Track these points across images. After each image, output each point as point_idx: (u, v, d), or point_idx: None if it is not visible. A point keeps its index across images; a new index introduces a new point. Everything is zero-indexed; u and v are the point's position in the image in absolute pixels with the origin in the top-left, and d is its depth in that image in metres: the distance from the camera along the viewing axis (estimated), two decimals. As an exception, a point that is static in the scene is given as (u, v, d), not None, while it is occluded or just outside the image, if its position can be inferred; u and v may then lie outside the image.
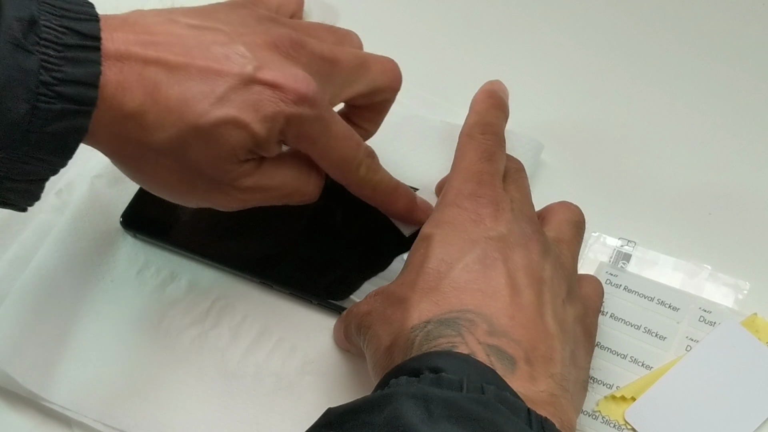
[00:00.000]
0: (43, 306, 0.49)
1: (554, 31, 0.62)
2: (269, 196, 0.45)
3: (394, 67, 0.48)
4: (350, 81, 0.45)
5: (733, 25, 0.61)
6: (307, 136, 0.43)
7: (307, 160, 0.45)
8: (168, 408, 0.47)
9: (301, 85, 0.41)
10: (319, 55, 0.44)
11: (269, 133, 0.42)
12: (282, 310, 0.50)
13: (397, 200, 0.49)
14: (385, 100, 0.48)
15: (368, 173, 0.46)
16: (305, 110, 0.42)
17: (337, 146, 0.44)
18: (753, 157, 0.55)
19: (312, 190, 0.46)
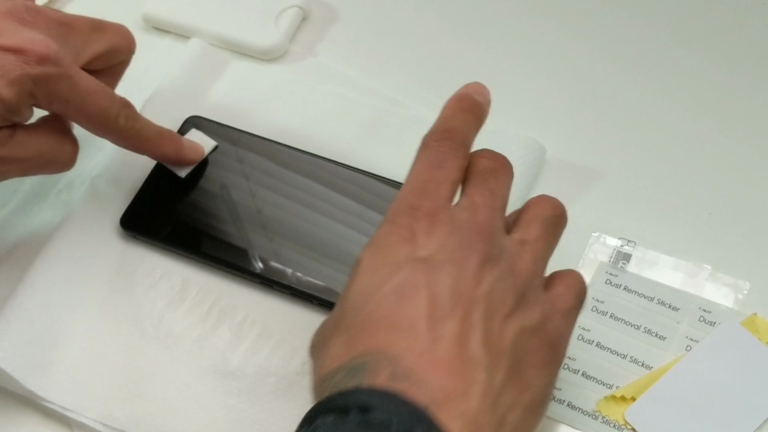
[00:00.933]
0: (44, 306, 0.49)
1: (555, 31, 0.62)
2: (26, 166, 0.46)
3: (128, 31, 0.50)
4: (89, 42, 0.47)
5: (733, 25, 0.61)
6: (58, 95, 0.44)
7: (60, 127, 0.47)
8: (168, 408, 0.47)
9: (41, 46, 0.43)
10: (55, 19, 0.45)
11: (18, 97, 0.42)
12: (282, 310, 0.50)
13: (163, 144, 0.51)
14: (122, 62, 0.50)
15: (128, 122, 0.48)
16: (50, 69, 0.43)
17: (91, 100, 0.45)
18: (753, 157, 0.55)
19: (68, 157, 0.48)
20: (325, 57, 0.61)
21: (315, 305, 0.50)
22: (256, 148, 0.55)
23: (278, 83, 0.59)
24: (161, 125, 0.51)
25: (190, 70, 0.59)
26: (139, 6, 0.63)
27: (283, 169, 0.54)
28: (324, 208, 0.52)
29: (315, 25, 0.63)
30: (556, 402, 0.47)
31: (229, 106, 0.57)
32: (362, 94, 0.59)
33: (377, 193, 0.52)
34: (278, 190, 0.53)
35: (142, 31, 0.63)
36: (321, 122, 0.57)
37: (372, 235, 0.39)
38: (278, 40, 0.61)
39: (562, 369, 0.47)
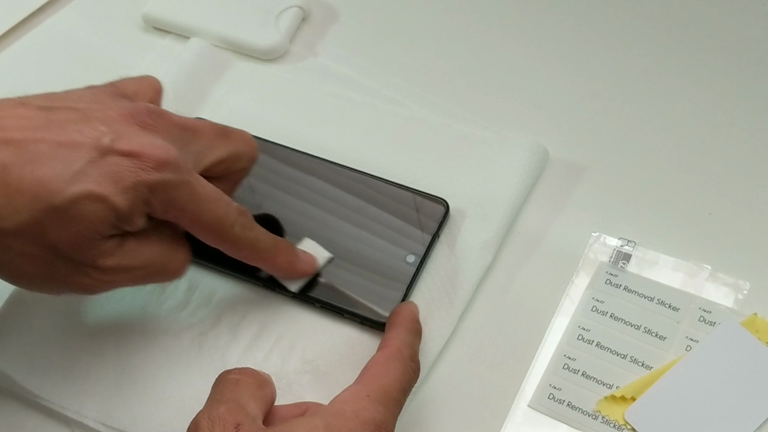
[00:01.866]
0: (44, 306, 0.50)
1: (555, 31, 0.62)
2: (135, 276, 0.43)
3: (252, 138, 0.47)
4: (211, 148, 0.44)
5: (733, 24, 0.61)
6: (175, 203, 0.42)
7: (172, 235, 0.44)
8: (168, 408, 0.47)
9: (160, 151, 0.40)
10: (177, 124, 0.43)
11: (132, 205, 0.40)
12: (281, 309, 0.50)
13: (278, 255, 0.48)
14: (243, 169, 0.47)
15: (244, 231, 0.45)
16: (168, 176, 0.40)
17: (208, 208, 0.43)
18: (753, 157, 0.55)
19: (179, 266, 0.45)
20: (325, 57, 0.61)
21: (317, 307, 0.50)
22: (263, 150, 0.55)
23: (278, 83, 0.59)
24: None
25: (190, 70, 0.59)
26: (139, 6, 0.63)
27: (285, 170, 0.54)
28: (336, 212, 0.52)
29: (315, 25, 0.63)
30: (556, 402, 0.47)
31: (229, 105, 0.57)
32: (362, 94, 0.59)
33: (379, 194, 0.52)
34: (280, 191, 0.53)
35: (142, 31, 0.63)
36: (321, 122, 0.57)
37: (330, 404, 0.41)
38: (278, 40, 0.61)
39: (563, 369, 0.47)
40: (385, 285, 0.49)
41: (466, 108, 0.58)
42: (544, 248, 0.52)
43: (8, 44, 0.63)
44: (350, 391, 0.41)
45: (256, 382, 0.41)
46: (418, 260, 0.50)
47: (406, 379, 0.43)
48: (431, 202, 0.52)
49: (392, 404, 0.41)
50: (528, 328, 0.49)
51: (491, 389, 0.47)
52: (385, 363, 0.43)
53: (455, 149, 0.55)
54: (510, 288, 0.51)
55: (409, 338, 0.45)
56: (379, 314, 0.48)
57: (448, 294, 0.49)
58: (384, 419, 0.40)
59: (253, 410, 0.39)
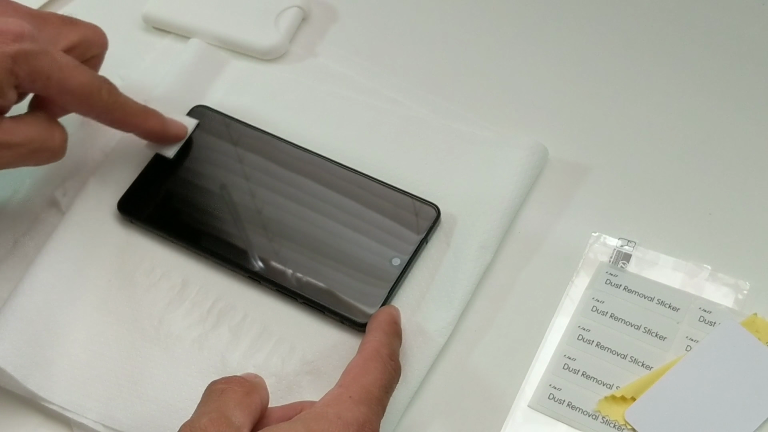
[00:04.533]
0: (44, 306, 0.50)
1: (555, 31, 0.62)
2: (16, 154, 0.46)
3: (100, 28, 0.51)
4: (61, 33, 0.48)
5: (733, 24, 0.61)
6: (39, 71, 0.45)
7: (47, 116, 0.48)
8: (168, 408, 0.47)
9: (15, 25, 0.44)
10: (25, 11, 0.47)
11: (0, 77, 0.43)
12: (281, 310, 0.50)
13: (148, 119, 0.51)
14: (96, 56, 0.51)
15: (111, 96, 0.48)
16: (26, 45, 0.44)
17: (72, 75, 0.46)
18: (753, 157, 0.55)
19: (57, 144, 0.48)
20: (325, 57, 0.61)
21: (299, 303, 0.50)
22: (260, 142, 0.55)
23: (278, 83, 0.59)
24: None
25: (190, 70, 0.59)
26: (139, 6, 0.63)
27: (285, 166, 0.54)
28: (325, 210, 0.52)
29: (315, 25, 0.63)
30: (556, 402, 0.47)
31: (229, 106, 0.57)
32: (362, 94, 0.59)
33: (371, 195, 0.52)
34: (278, 187, 0.53)
35: (142, 31, 0.63)
36: (321, 122, 0.57)
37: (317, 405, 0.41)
38: (278, 40, 0.61)
39: (563, 369, 0.47)
40: (369, 286, 0.49)
41: (466, 108, 0.58)
42: (544, 248, 0.52)
43: None
44: (332, 394, 0.42)
45: (244, 390, 0.41)
46: (403, 264, 0.50)
47: (386, 378, 0.43)
48: (423, 207, 0.51)
49: (375, 403, 0.41)
50: (528, 328, 0.49)
51: (491, 389, 0.47)
52: (365, 364, 0.43)
53: (455, 149, 0.55)
54: (510, 288, 0.51)
55: (386, 339, 0.45)
56: (359, 315, 0.48)
57: (447, 294, 0.49)
58: (367, 419, 0.40)
59: (238, 419, 0.39)
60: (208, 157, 0.54)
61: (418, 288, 0.50)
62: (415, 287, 0.50)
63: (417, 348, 0.48)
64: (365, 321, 0.48)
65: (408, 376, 0.47)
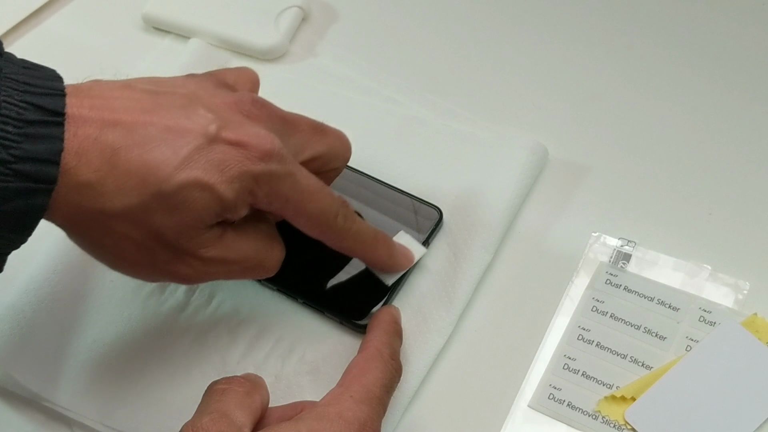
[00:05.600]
0: (44, 306, 0.50)
1: (555, 31, 0.62)
2: (232, 270, 0.43)
3: (346, 138, 0.47)
4: (309, 143, 0.45)
5: (733, 25, 0.61)
6: (279, 194, 0.42)
7: (269, 231, 0.45)
8: (168, 409, 0.47)
9: (266, 141, 0.40)
10: (279, 116, 0.43)
11: (237, 195, 0.40)
12: (280, 310, 0.50)
13: (377, 248, 0.48)
14: (336, 168, 0.47)
15: (346, 223, 0.45)
16: (273, 166, 0.41)
17: (312, 199, 0.43)
18: (753, 157, 0.55)
19: (274, 264, 0.45)
20: (325, 57, 0.61)
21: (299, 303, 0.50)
22: None
23: (278, 83, 0.59)
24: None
25: (190, 71, 0.58)
26: (139, 6, 0.63)
27: None
28: None
29: (315, 25, 0.63)
30: (556, 402, 0.47)
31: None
32: (362, 94, 0.59)
33: (374, 196, 0.52)
34: None
35: (142, 31, 0.63)
36: (321, 122, 0.57)
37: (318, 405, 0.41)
38: (278, 40, 0.61)
39: (563, 369, 0.47)
40: (369, 288, 0.49)
41: (466, 108, 0.58)
42: (544, 248, 0.52)
43: (8, 44, 0.63)
44: (333, 393, 0.42)
45: (244, 390, 0.40)
46: None
47: (387, 378, 0.43)
48: (425, 209, 0.51)
49: (375, 403, 0.41)
50: (528, 328, 0.49)
51: (491, 389, 0.47)
52: (365, 363, 0.43)
53: (455, 149, 0.55)
54: (510, 288, 0.51)
55: (387, 339, 0.45)
56: (358, 316, 0.48)
57: (448, 294, 0.49)
58: (368, 418, 0.40)
59: (239, 419, 0.39)
60: None
61: (418, 288, 0.50)
62: (416, 287, 0.50)
63: (417, 348, 0.48)
64: (364, 323, 0.48)
65: (408, 376, 0.47)
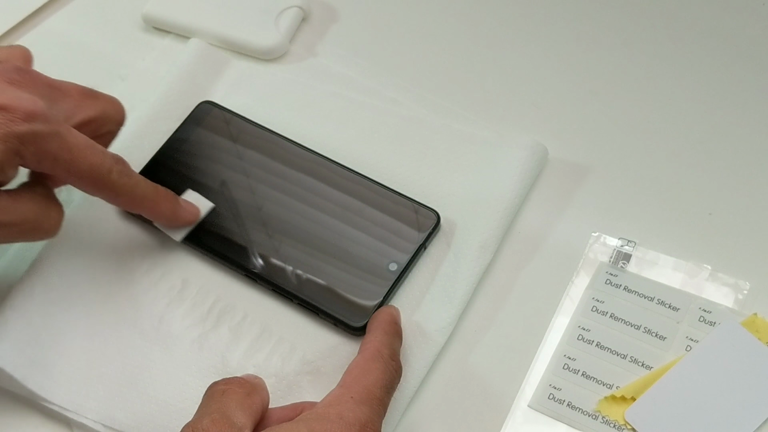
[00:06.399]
0: (44, 306, 0.50)
1: (555, 31, 0.62)
2: (11, 232, 0.44)
3: (120, 103, 0.48)
4: (80, 107, 0.46)
5: (734, 24, 0.61)
6: (47, 153, 0.42)
7: (45, 193, 0.45)
8: (168, 408, 0.47)
9: (28, 103, 0.41)
10: (45, 82, 0.44)
11: (2, 156, 0.41)
12: (281, 310, 0.50)
13: (159, 202, 0.48)
14: (110, 131, 0.48)
15: (122, 177, 0.46)
16: (37, 126, 0.41)
17: (82, 156, 0.44)
18: (753, 157, 0.55)
19: (53, 224, 0.46)
20: (325, 57, 0.61)
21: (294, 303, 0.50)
22: (264, 141, 0.55)
23: (278, 83, 0.59)
24: (156, 124, 0.50)
25: (190, 71, 0.59)
26: (139, 6, 0.63)
27: (288, 165, 0.54)
28: (325, 212, 0.52)
29: (315, 25, 0.63)
30: (556, 402, 0.47)
31: (229, 105, 0.57)
32: (362, 94, 0.59)
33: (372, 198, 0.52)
34: (281, 186, 0.53)
35: (142, 31, 0.63)
36: (321, 122, 0.57)
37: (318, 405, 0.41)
38: (278, 40, 0.61)
39: (563, 369, 0.47)
40: (365, 290, 0.49)
41: (466, 108, 0.58)
42: (544, 248, 0.52)
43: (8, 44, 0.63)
44: (333, 394, 0.42)
45: (244, 390, 0.41)
46: (400, 269, 0.50)
47: (387, 378, 0.43)
48: (423, 212, 0.51)
49: (376, 404, 0.41)
50: (528, 328, 0.49)
51: (491, 389, 0.47)
52: (366, 364, 0.43)
53: (455, 149, 0.55)
54: (510, 288, 0.51)
55: (387, 339, 0.46)
56: (353, 318, 0.48)
57: (448, 294, 0.49)
58: (369, 419, 0.40)
59: (240, 420, 0.39)
60: (211, 154, 0.54)
61: (418, 288, 0.50)
62: (415, 287, 0.50)
63: (417, 348, 0.48)
64: (359, 325, 0.48)
65: (408, 376, 0.47)
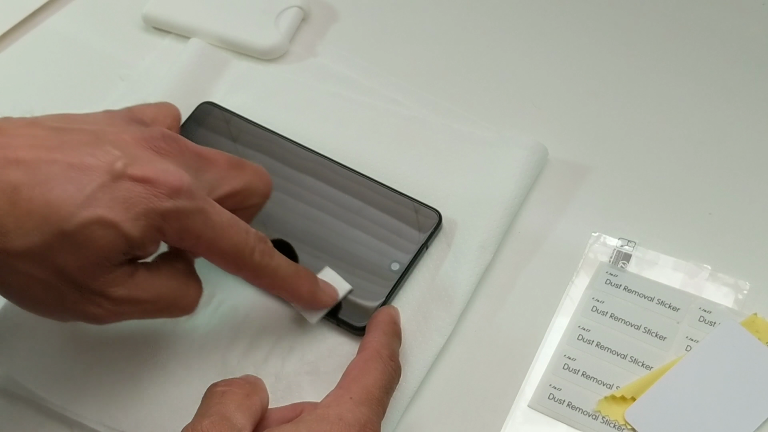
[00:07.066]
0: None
1: (555, 31, 0.62)
2: (145, 309, 0.42)
3: (266, 173, 0.47)
4: (225, 178, 0.44)
5: (733, 24, 0.61)
6: (190, 231, 0.41)
7: (184, 269, 0.44)
8: (168, 409, 0.47)
9: (174, 178, 0.39)
10: (192, 151, 0.42)
11: (143, 232, 0.39)
12: (281, 310, 0.50)
13: (300, 285, 0.46)
14: (255, 204, 0.46)
15: (263, 258, 0.44)
16: (181, 203, 0.40)
17: (225, 235, 0.42)
18: (753, 157, 0.55)
19: (190, 302, 0.44)
20: (325, 57, 0.61)
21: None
22: (266, 141, 0.55)
23: (278, 83, 0.59)
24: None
25: (190, 71, 0.59)
26: (139, 6, 0.63)
27: (289, 165, 0.54)
28: (327, 211, 0.52)
29: (315, 25, 0.63)
30: (556, 402, 0.47)
31: (229, 105, 0.57)
32: (362, 94, 0.59)
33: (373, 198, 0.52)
34: (282, 186, 0.53)
35: (142, 31, 0.63)
36: (321, 122, 0.57)
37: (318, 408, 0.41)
38: (278, 40, 0.61)
39: (563, 369, 0.47)
40: (367, 290, 0.49)
41: (466, 108, 0.58)
42: (544, 248, 0.52)
43: (8, 44, 0.63)
44: (333, 395, 0.42)
45: (244, 391, 0.40)
46: (402, 269, 0.50)
47: (386, 379, 0.43)
48: (424, 211, 0.51)
49: (375, 404, 0.41)
50: (528, 328, 0.49)
51: (491, 389, 0.47)
52: (365, 365, 0.43)
53: (455, 149, 0.55)
54: (510, 288, 0.51)
55: (386, 339, 0.45)
56: (356, 318, 0.48)
57: (447, 294, 0.49)
58: (368, 419, 0.40)
59: (239, 421, 0.39)
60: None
61: (418, 288, 0.50)
62: (416, 287, 0.50)
63: (417, 348, 0.48)
64: (361, 325, 0.48)
65: (408, 376, 0.47)
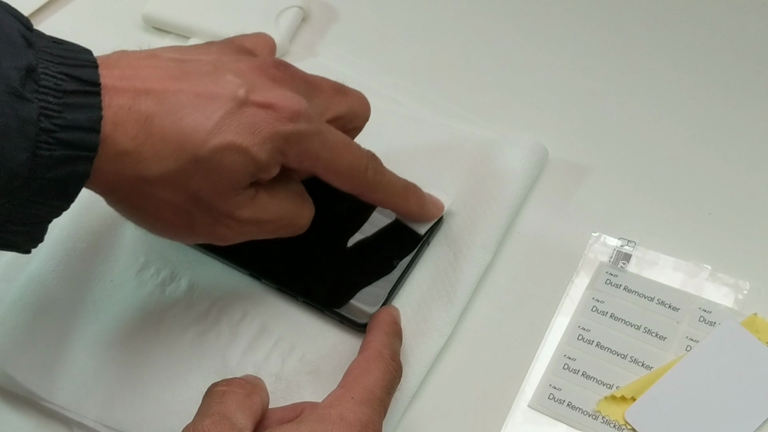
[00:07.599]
0: (44, 306, 0.50)
1: (555, 31, 0.62)
2: (266, 228, 0.45)
3: (366, 99, 0.49)
4: (331, 103, 0.46)
5: (733, 24, 0.61)
6: (309, 152, 0.43)
7: (299, 190, 0.46)
8: (168, 409, 0.47)
9: (293, 102, 0.42)
10: (302, 77, 0.45)
11: (270, 155, 0.41)
12: (281, 309, 0.50)
13: (408, 198, 0.49)
14: (356, 127, 0.48)
15: (376, 175, 0.46)
16: (301, 126, 0.42)
17: (341, 155, 0.44)
18: (753, 157, 0.55)
19: (304, 222, 0.47)
20: (325, 57, 0.61)
21: (299, 302, 0.50)
22: None
23: (278, 83, 0.59)
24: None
25: (190, 70, 0.59)
26: (139, 6, 0.63)
27: None
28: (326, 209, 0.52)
29: (315, 25, 0.63)
30: (556, 402, 0.47)
31: (229, 106, 0.57)
32: (362, 94, 0.59)
33: None
34: None
35: (142, 31, 0.63)
36: (321, 122, 0.57)
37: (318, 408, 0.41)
38: (278, 40, 0.60)
39: (563, 369, 0.47)
40: (370, 287, 0.49)
41: (466, 108, 0.58)
42: (544, 248, 0.52)
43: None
44: (334, 395, 0.42)
45: (244, 391, 0.41)
46: (404, 265, 0.50)
47: (388, 379, 0.43)
48: None
49: (377, 404, 0.42)
50: (528, 328, 0.49)
51: (491, 389, 0.47)
52: (366, 364, 0.43)
53: (455, 149, 0.55)
54: (510, 288, 0.51)
55: (387, 339, 0.46)
56: (359, 315, 0.48)
57: (447, 294, 0.49)
58: (369, 419, 0.40)
59: (240, 421, 0.39)
60: None
61: (418, 288, 0.50)
62: (416, 287, 0.50)
63: (417, 348, 0.48)
64: (365, 321, 0.48)
65: (408, 376, 0.47)
